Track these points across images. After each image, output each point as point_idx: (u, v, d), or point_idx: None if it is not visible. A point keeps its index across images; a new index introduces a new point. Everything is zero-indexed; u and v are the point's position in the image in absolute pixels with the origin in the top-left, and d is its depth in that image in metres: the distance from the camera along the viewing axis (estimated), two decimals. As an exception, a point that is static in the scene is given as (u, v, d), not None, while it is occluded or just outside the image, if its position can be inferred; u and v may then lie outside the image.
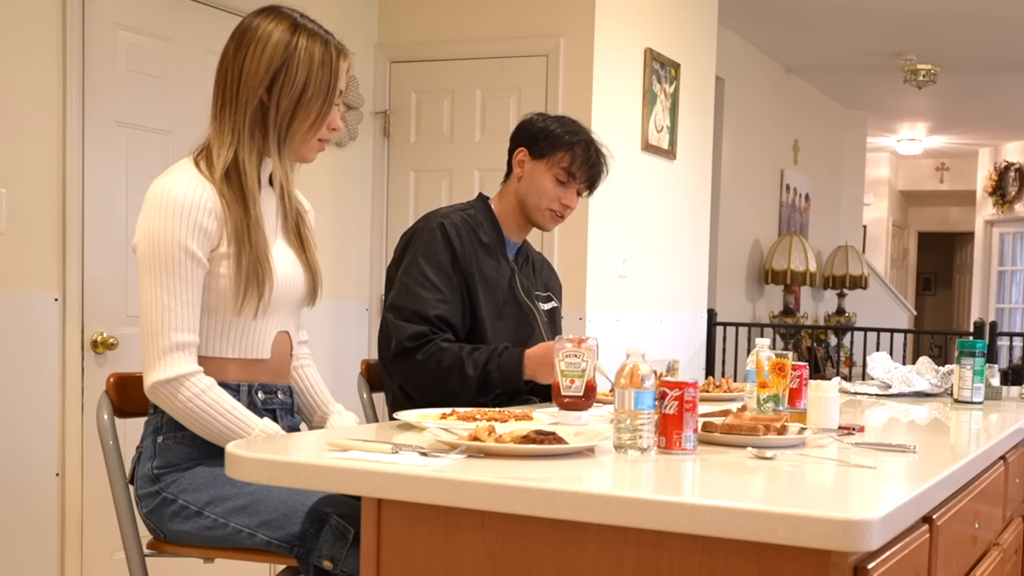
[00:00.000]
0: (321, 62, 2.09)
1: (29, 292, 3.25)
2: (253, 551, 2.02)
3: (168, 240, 1.98)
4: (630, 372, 1.72)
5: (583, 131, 2.75)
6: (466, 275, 2.61)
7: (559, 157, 2.70)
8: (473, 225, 2.68)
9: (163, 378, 1.97)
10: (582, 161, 2.70)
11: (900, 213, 14.11)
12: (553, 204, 2.72)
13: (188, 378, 1.98)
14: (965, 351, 2.88)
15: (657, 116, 4.99)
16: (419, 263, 2.59)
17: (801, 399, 2.20)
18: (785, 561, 1.37)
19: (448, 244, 2.61)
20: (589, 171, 2.73)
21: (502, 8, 4.58)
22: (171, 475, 2.05)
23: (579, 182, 2.73)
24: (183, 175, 2.03)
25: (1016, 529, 2.67)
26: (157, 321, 1.98)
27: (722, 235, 7.16)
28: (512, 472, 1.55)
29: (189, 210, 1.99)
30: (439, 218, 2.66)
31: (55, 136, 3.31)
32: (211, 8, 3.88)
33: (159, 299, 1.98)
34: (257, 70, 2.06)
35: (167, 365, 1.97)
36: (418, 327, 2.54)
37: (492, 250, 2.70)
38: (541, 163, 2.71)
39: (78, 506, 3.40)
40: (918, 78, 7.84)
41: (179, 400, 1.98)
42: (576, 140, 2.71)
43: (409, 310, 2.55)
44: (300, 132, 2.11)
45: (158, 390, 1.98)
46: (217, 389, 2.01)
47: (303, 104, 2.08)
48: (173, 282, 1.98)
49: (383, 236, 4.80)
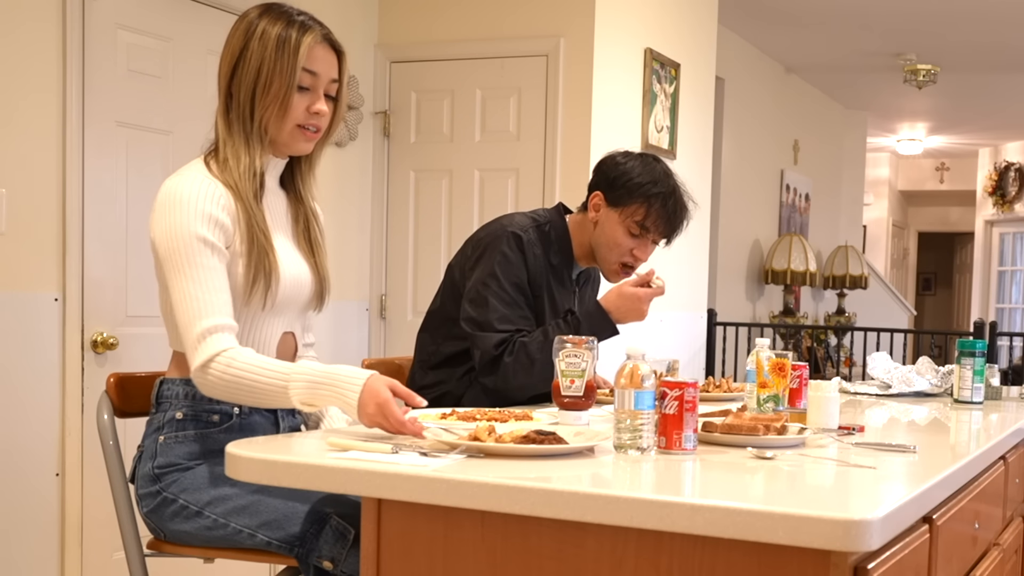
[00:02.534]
0: (277, 42, 2.00)
1: (29, 292, 3.25)
2: (253, 551, 2.02)
3: (183, 233, 1.95)
4: (630, 372, 1.72)
5: (664, 179, 2.60)
6: (535, 294, 2.59)
7: (634, 209, 2.58)
8: (547, 243, 2.63)
9: (196, 366, 1.94)
10: (658, 215, 2.58)
11: (900, 213, 14.11)
12: (624, 257, 2.63)
13: (216, 357, 1.92)
14: (965, 351, 2.88)
15: (657, 116, 5.00)
16: (498, 276, 2.55)
17: (801, 399, 2.20)
18: (785, 561, 1.37)
19: (523, 259, 2.56)
20: (666, 225, 2.61)
21: (502, 8, 4.58)
22: (172, 475, 2.05)
23: (655, 234, 2.62)
24: (193, 174, 2.03)
25: (1016, 529, 2.67)
26: (188, 313, 1.94)
27: (722, 235, 7.16)
28: (512, 472, 1.55)
29: (200, 202, 1.97)
30: (517, 229, 2.59)
31: (55, 136, 3.31)
32: (211, 8, 3.88)
33: (186, 292, 1.94)
34: (224, 63, 2.05)
35: (199, 353, 1.93)
36: (501, 334, 2.52)
37: (559, 271, 2.66)
38: (615, 212, 2.60)
39: (78, 506, 3.40)
40: (918, 78, 7.84)
41: (212, 380, 1.93)
42: (655, 192, 2.57)
43: (490, 323, 2.53)
44: (268, 119, 2.03)
45: (197, 380, 1.96)
46: (243, 354, 1.94)
47: (260, 88, 2.01)
48: (196, 272, 1.95)
49: (383, 236, 4.80)
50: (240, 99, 2.03)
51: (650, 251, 2.66)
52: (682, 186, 2.64)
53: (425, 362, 2.70)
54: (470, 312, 2.57)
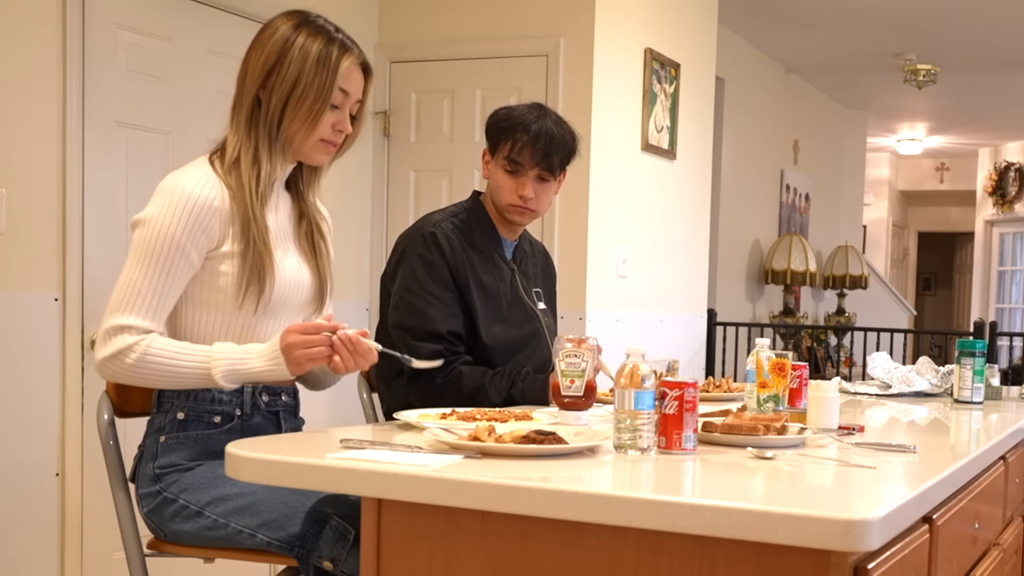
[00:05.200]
0: (317, 58, 2.05)
1: (29, 292, 3.25)
2: (253, 551, 2.02)
3: (166, 233, 1.98)
4: (630, 372, 1.73)
5: (530, 112, 2.58)
6: (461, 287, 2.55)
7: (503, 148, 2.58)
8: (466, 231, 2.61)
9: (106, 355, 1.98)
10: (523, 144, 2.55)
11: (900, 213, 14.11)
12: (511, 198, 2.59)
13: (131, 348, 1.97)
14: (965, 351, 2.88)
15: (657, 116, 5.00)
16: (418, 277, 2.53)
17: (801, 399, 2.20)
18: (785, 561, 1.37)
19: (442, 255, 2.54)
20: (537, 153, 2.55)
21: (502, 8, 4.58)
22: (172, 475, 2.05)
23: (530, 166, 2.57)
24: (197, 172, 2.04)
25: (1016, 529, 2.67)
26: (121, 299, 1.99)
27: (722, 235, 7.16)
28: (512, 472, 1.55)
29: (194, 210, 1.99)
30: (430, 227, 2.58)
31: (55, 136, 3.31)
32: (211, 8, 3.88)
33: (132, 280, 1.99)
34: (255, 68, 2.06)
35: (113, 343, 1.97)
36: (433, 346, 2.48)
37: (488, 254, 2.63)
38: (494, 160, 2.62)
39: (78, 506, 3.40)
40: (918, 78, 7.85)
41: (127, 368, 1.98)
42: (518, 124, 2.56)
43: (420, 330, 2.49)
44: (296, 130, 2.07)
45: (105, 367, 2.00)
46: (159, 340, 1.99)
47: (293, 100, 2.05)
48: (154, 271, 1.99)
49: (383, 236, 4.80)
50: (270, 107, 2.06)
51: (530, 189, 2.59)
52: (554, 115, 2.62)
53: (386, 375, 2.63)
54: (398, 319, 2.53)
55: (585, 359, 2.07)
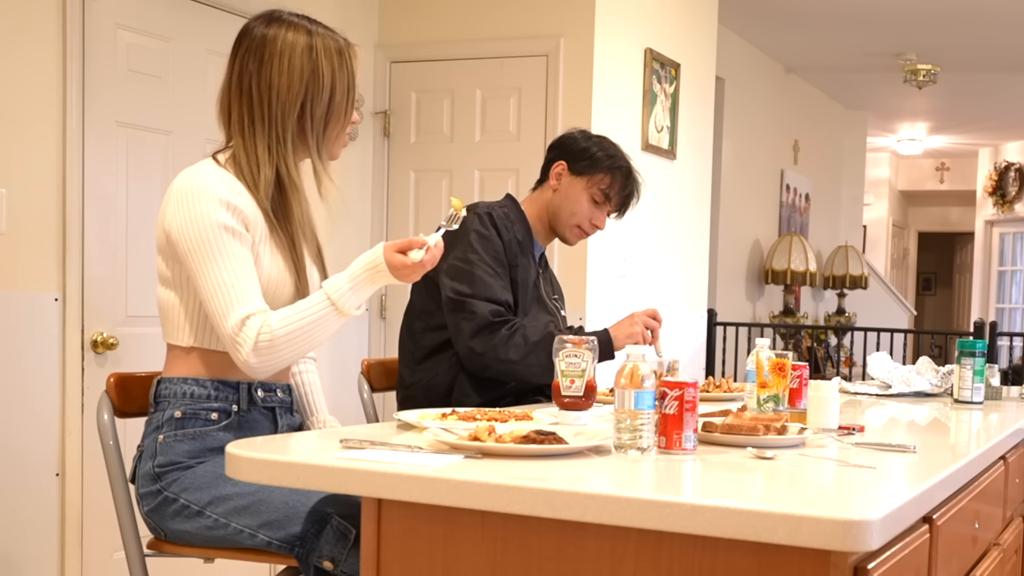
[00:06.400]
0: (340, 66, 2.13)
1: (29, 292, 3.25)
2: (253, 551, 2.02)
3: (208, 223, 1.99)
4: (630, 372, 1.72)
5: (623, 157, 2.81)
6: (510, 266, 2.68)
7: (599, 178, 2.77)
8: (509, 223, 2.73)
9: (247, 353, 1.98)
10: (620, 186, 2.78)
11: (900, 213, 14.11)
12: (584, 222, 2.80)
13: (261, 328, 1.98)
14: (965, 351, 2.88)
15: (657, 116, 5.00)
16: (478, 250, 2.63)
17: (801, 399, 2.20)
18: (785, 561, 1.37)
19: (498, 233, 2.67)
20: (624, 197, 2.81)
21: (502, 8, 4.59)
22: (172, 474, 2.05)
23: (612, 205, 2.81)
24: (207, 168, 2.07)
25: (1016, 529, 2.67)
26: (223, 304, 1.98)
27: (722, 235, 7.16)
28: (512, 472, 1.55)
29: (217, 191, 2.01)
30: (485, 208, 2.71)
31: (55, 136, 3.31)
32: (211, 8, 3.88)
33: (218, 280, 1.99)
34: (291, 83, 2.09)
35: (243, 343, 1.98)
36: (497, 306, 2.60)
37: (524, 248, 2.76)
38: (580, 180, 2.78)
39: (78, 506, 3.40)
40: (918, 78, 7.84)
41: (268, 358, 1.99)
42: (618, 166, 2.78)
43: (482, 295, 2.60)
44: (337, 133, 2.17)
45: (251, 367, 2.00)
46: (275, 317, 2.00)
47: (334, 108, 2.13)
48: (226, 261, 1.99)
49: (383, 236, 4.79)
50: (316, 117, 2.12)
51: (604, 222, 2.84)
52: (635, 166, 2.85)
53: (410, 360, 2.73)
54: (456, 286, 2.61)
55: (585, 359, 2.07)
